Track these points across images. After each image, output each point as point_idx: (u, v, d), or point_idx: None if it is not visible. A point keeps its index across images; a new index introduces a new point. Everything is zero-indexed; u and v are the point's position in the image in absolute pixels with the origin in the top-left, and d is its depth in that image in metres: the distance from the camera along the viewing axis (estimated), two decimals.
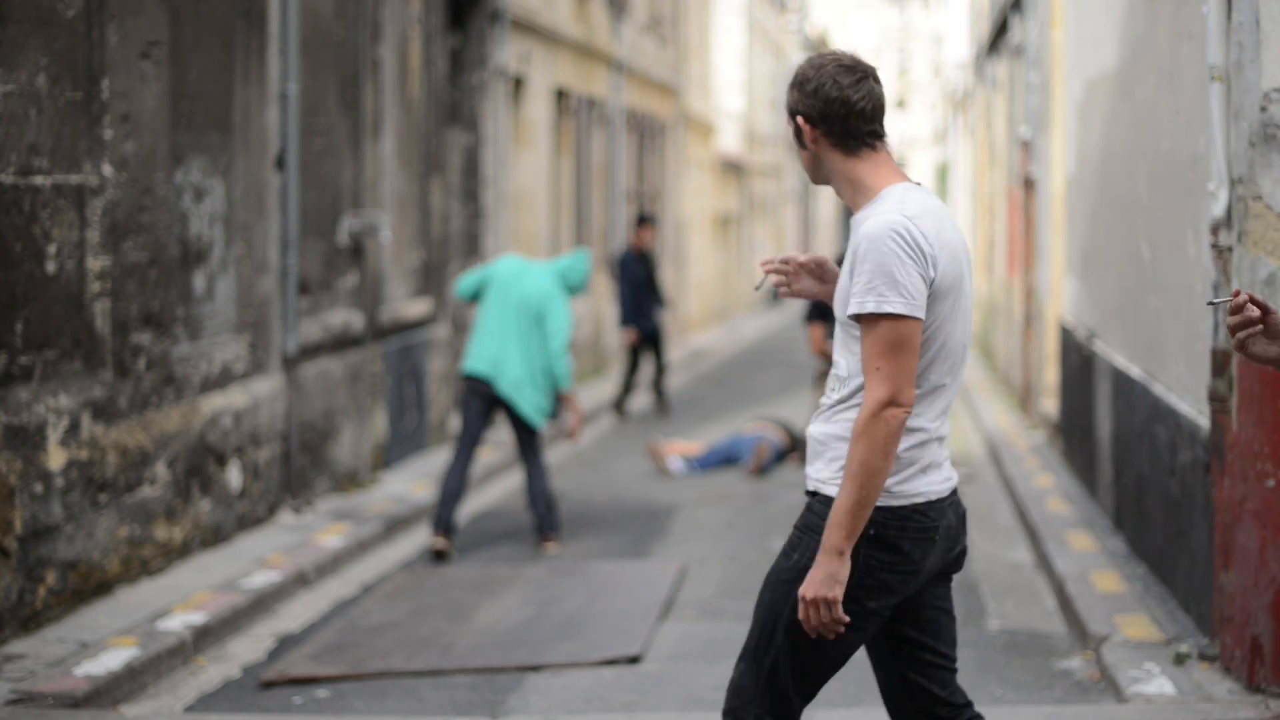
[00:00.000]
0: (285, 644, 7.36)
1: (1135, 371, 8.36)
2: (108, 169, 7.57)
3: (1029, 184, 15.06)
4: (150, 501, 7.98)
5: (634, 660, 6.96)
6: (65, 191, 7.19)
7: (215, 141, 8.92)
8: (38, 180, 6.96)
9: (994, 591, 8.31)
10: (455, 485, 9.18)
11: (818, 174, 3.82)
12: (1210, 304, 3.35)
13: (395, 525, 9.85)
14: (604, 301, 19.76)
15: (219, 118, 8.97)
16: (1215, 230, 6.27)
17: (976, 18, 25.04)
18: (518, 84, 16.25)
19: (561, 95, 18.43)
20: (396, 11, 11.97)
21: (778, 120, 46.39)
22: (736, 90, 37.65)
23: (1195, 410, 6.79)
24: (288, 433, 9.79)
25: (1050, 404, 13.21)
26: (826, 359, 10.52)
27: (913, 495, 3.69)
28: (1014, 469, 11.65)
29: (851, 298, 3.62)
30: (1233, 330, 3.10)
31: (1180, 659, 6.36)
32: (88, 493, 7.36)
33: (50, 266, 7.07)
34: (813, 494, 3.77)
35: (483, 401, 9.26)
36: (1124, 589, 7.62)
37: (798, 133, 3.80)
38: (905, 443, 3.67)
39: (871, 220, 3.64)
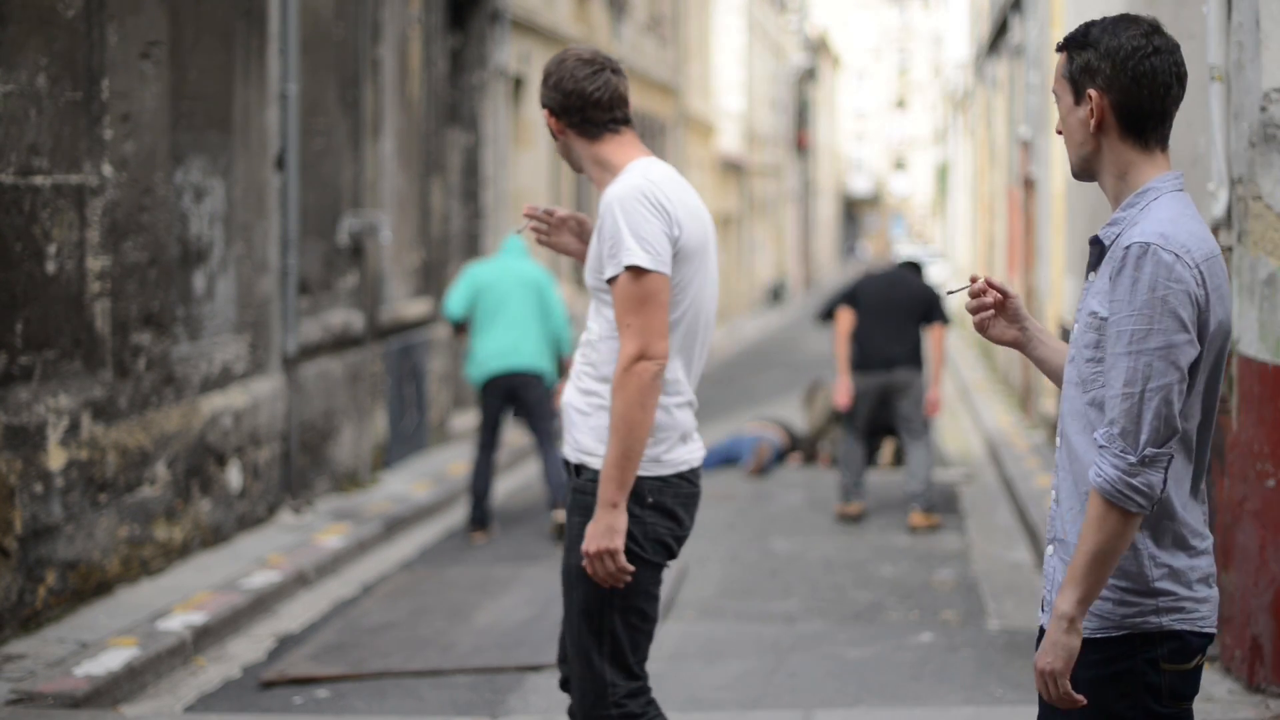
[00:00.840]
0: (285, 644, 7.36)
1: None
2: (108, 169, 7.57)
3: (1029, 184, 15.07)
4: (150, 501, 7.99)
5: None
6: (65, 191, 7.19)
7: (215, 141, 8.92)
8: (38, 180, 6.96)
9: (994, 591, 8.31)
10: (484, 484, 9.70)
11: (571, 160, 4.00)
12: (949, 293, 3.43)
13: (395, 525, 9.85)
14: None
15: (219, 118, 8.98)
16: (1215, 230, 6.27)
17: (976, 18, 25.06)
18: (518, 84, 16.25)
19: None
20: (396, 11, 11.97)
21: (777, 120, 46.42)
22: (736, 90, 37.67)
23: None
24: (288, 433, 9.79)
25: (1050, 404, 13.21)
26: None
27: (678, 464, 3.86)
28: (1014, 469, 11.65)
29: (605, 262, 3.77)
30: (970, 313, 3.21)
31: None
32: (88, 493, 7.36)
33: (50, 266, 7.07)
34: (579, 467, 3.89)
35: (502, 398, 9.68)
36: None
37: (549, 124, 3.97)
38: (672, 401, 3.83)
39: (615, 186, 3.79)
